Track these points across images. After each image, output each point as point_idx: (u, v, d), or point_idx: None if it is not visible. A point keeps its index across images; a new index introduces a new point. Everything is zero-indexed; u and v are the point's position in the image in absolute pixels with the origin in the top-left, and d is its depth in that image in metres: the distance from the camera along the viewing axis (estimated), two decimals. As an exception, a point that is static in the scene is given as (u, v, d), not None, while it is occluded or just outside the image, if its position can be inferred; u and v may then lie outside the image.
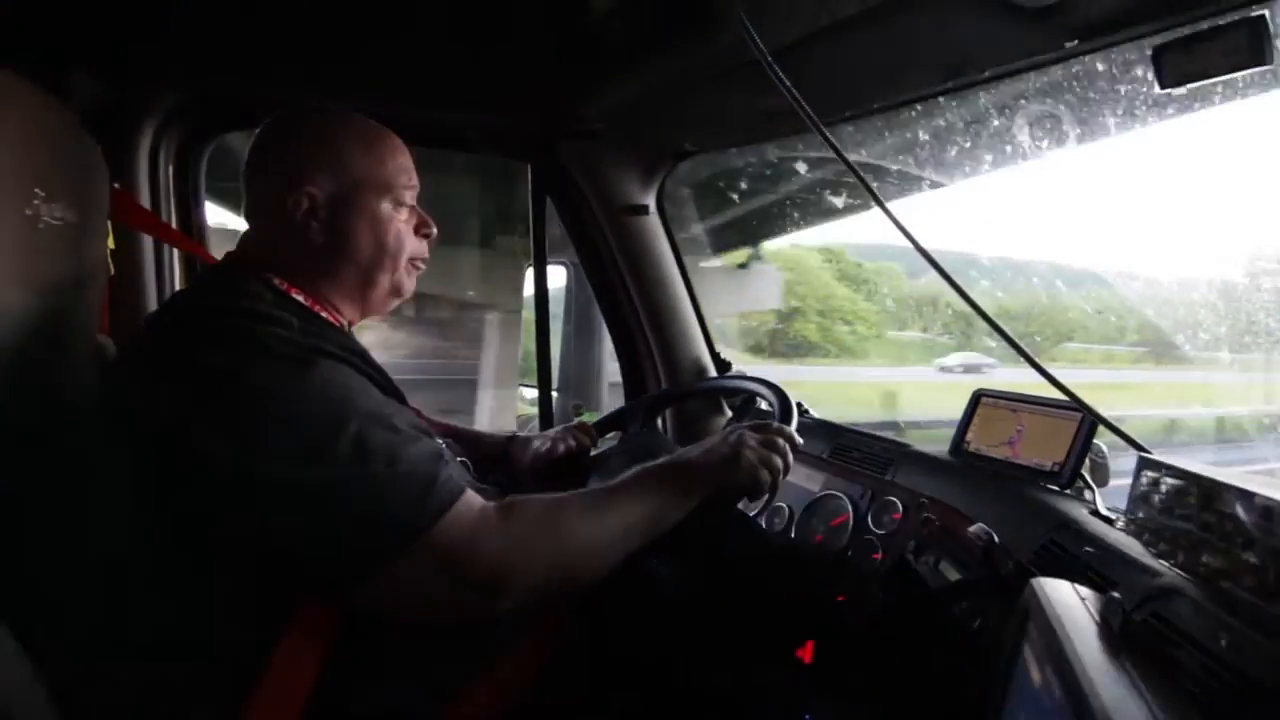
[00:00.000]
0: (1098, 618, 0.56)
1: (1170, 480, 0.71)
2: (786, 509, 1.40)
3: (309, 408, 0.76)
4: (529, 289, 1.94)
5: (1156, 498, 0.73)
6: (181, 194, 1.51)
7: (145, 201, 1.42)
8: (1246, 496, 0.61)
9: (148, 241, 1.44)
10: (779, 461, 0.97)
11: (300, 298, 0.92)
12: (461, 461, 1.12)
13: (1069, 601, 0.58)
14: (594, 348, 2.01)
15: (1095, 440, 1.11)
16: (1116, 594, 0.69)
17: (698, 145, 1.67)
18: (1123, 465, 0.95)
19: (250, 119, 0.99)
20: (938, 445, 1.36)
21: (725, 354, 1.91)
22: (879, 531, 1.21)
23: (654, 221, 1.82)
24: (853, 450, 1.42)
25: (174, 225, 1.48)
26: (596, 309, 1.91)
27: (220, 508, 0.74)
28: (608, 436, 1.45)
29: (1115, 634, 0.53)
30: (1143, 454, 0.79)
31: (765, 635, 1.17)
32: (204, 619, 0.75)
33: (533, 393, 1.92)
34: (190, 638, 0.74)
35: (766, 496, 1.40)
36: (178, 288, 1.48)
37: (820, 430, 1.56)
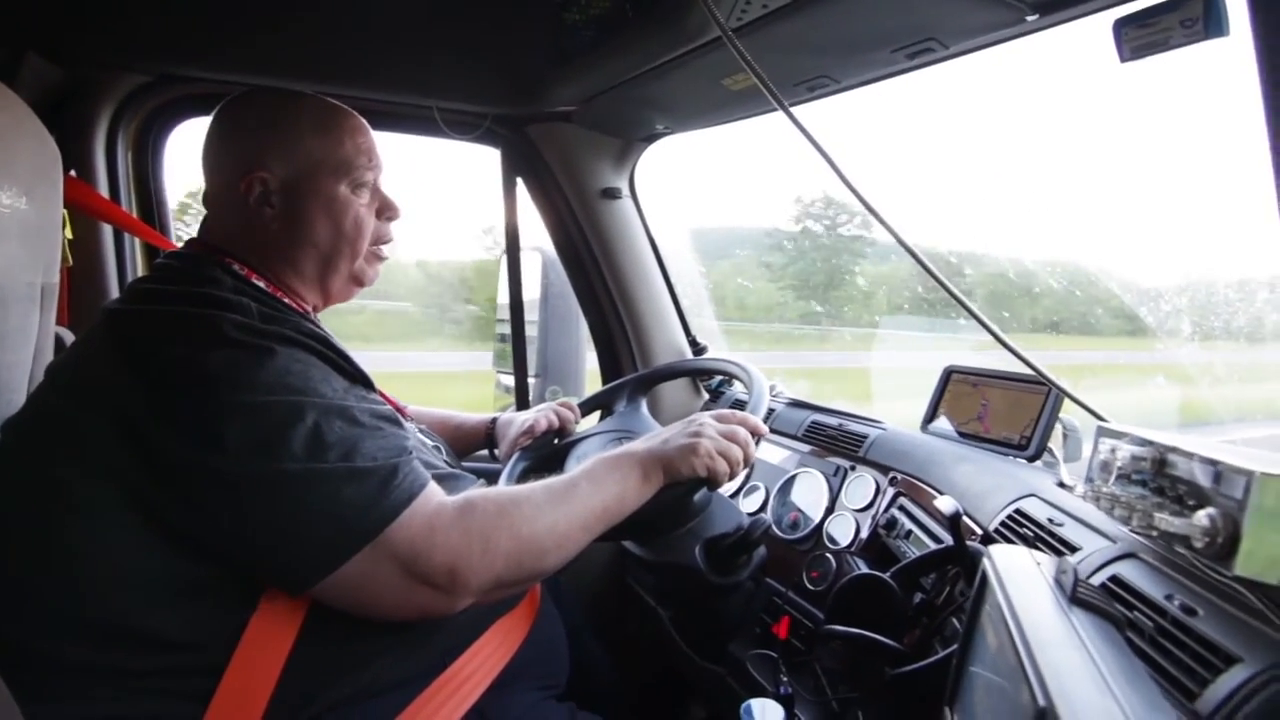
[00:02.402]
0: (1051, 582, 0.57)
1: (1127, 447, 0.72)
2: (762, 488, 1.42)
3: (264, 398, 0.75)
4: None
5: (1115, 464, 0.74)
6: (141, 181, 1.48)
7: (104, 190, 1.39)
8: (1197, 459, 0.63)
9: (107, 230, 1.41)
10: (738, 452, 0.97)
11: (261, 283, 0.90)
12: (435, 446, 1.12)
13: (1024, 567, 0.59)
14: (570, 333, 2.00)
15: (1068, 415, 1.13)
16: (1070, 559, 0.70)
17: (669, 127, 1.66)
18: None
19: (211, 103, 0.97)
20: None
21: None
22: (852, 508, 1.23)
23: (627, 205, 1.81)
24: (826, 428, 1.43)
25: (134, 213, 1.45)
26: (571, 295, 1.91)
27: (177, 499, 0.73)
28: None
29: (1067, 597, 0.54)
30: (1101, 423, 0.80)
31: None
32: (166, 609, 0.74)
33: (509, 379, 1.90)
34: (153, 628, 0.74)
35: (736, 479, 1.41)
36: (140, 276, 1.46)
37: (794, 409, 1.57)
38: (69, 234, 1.23)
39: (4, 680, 0.65)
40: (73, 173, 1.32)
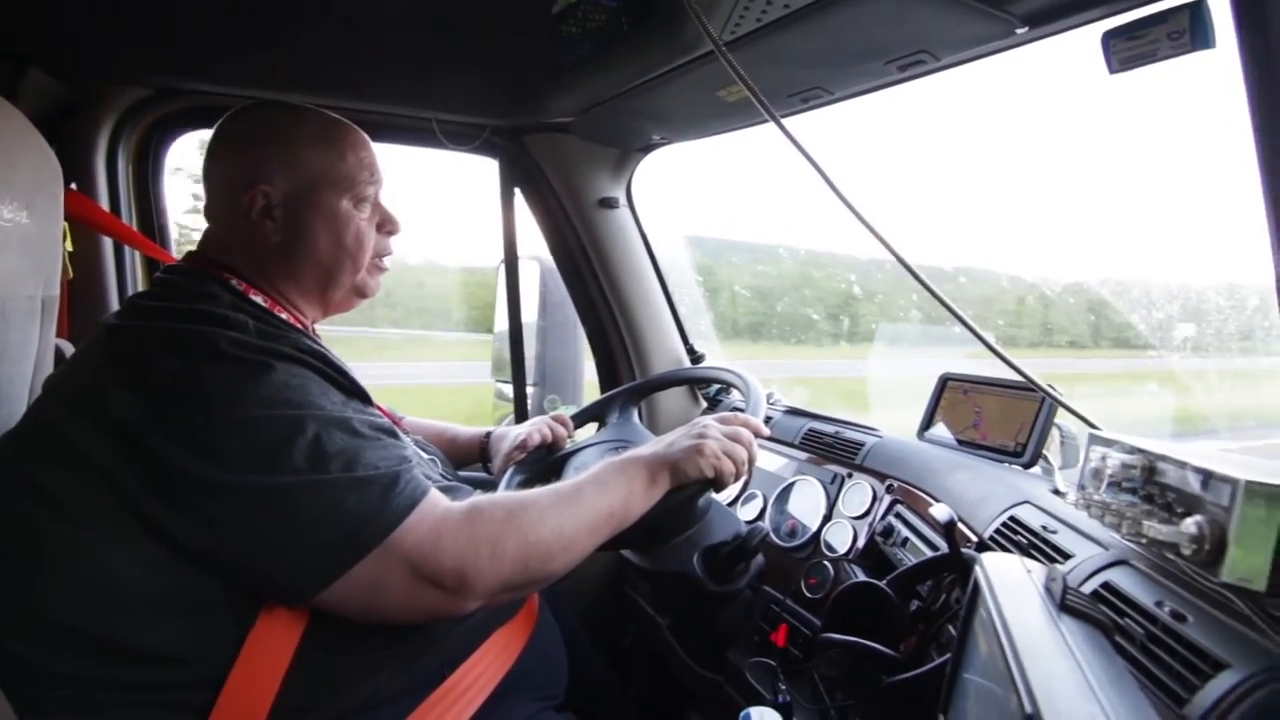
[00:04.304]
0: (1041, 590, 0.58)
1: (1117, 455, 0.73)
2: (760, 496, 1.42)
3: (263, 413, 0.75)
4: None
5: (1106, 472, 0.74)
6: (141, 194, 1.49)
7: (104, 203, 1.40)
8: (1185, 466, 0.63)
9: (107, 243, 1.42)
10: (743, 453, 0.98)
11: (259, 299, 0.91)
12: (431, 458, 1.12)
13: (1015, 575, 0.60)
14: (568, 342, 2.01)
15: (1066, 422, 1.13)
16: (1060, 566, 0.71)
17: (665, 137, 1.68)
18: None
19: (211, 117, 0.98)
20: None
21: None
22: (849, 515, 1.23)
23: (624, 214, 1.82)
24: (823, 436, 1.44)
25: (134, 226, 1.46)
26: (569, 304, 1.92)
27: (178, 514, 0.73)
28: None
29: (1056, 605, 0.55)
30: (1093, 430, 0.81)
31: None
32: (164, 623, 0.74)
33: (507, 388, 1.91)
34: (151, 642, 0.74)
35: (737, 485, 1.41)
36: (139, 289, 1.47)
37: (791, 417, 1.58)
38: (69, 246, 1.24)
39: (3, 693, 0.66)
40: (73, 186, 1.33)
